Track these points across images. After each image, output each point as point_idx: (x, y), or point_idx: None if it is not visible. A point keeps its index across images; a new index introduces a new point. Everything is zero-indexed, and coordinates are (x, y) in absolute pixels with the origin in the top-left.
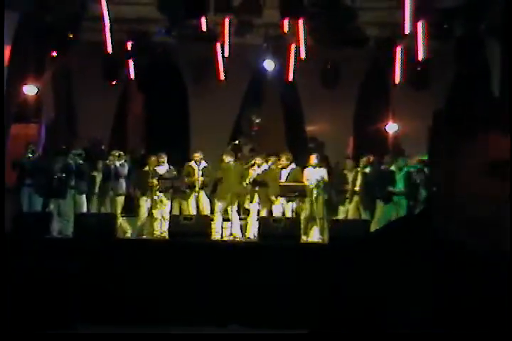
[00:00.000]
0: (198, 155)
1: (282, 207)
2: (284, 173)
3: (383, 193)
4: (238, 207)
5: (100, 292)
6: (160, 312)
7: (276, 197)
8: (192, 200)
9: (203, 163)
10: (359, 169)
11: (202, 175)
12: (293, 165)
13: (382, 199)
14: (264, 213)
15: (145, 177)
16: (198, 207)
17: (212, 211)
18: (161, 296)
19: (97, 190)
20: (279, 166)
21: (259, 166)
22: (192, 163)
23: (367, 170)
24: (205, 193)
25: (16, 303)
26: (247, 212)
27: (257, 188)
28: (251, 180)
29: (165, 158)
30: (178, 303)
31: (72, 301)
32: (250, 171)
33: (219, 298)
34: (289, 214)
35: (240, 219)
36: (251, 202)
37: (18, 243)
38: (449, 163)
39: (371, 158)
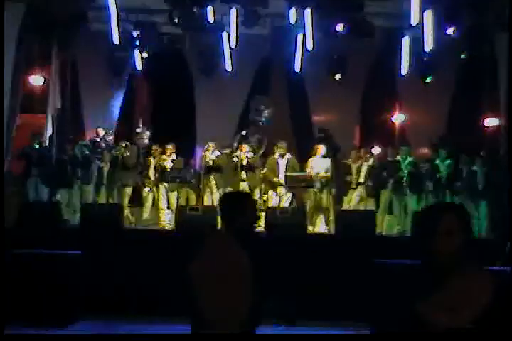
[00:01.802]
0: (212, 145)
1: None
2: (282, 163)
3: (388, 183)
4: None
5: (105, 282)
6: (165, 304)
7: (274, 187)
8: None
9: (216, 152)
10: (364, 160)
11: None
12: (289, 155)
13: (389, 190)
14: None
15: (151, 167)
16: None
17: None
18: (167, 287)
19: (104, 180)
20: (275, 156)
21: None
22: (208, 153)
23: (371, 160)
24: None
25: (20, 293)
26: None
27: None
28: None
29: (172, 149)
30: (183, 294)
31: (76, 292)
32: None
33: None
34: (285, 205)
35: None
36: None
37: (25, 232)
38: None
39: (376, 149)
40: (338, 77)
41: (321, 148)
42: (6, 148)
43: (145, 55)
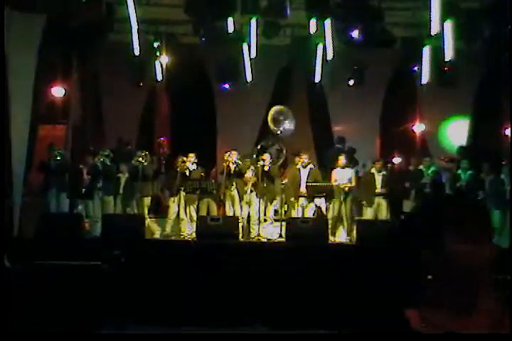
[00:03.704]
0: (234, 153)
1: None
2: (304, 174)
3: (411, 193)
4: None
5: (128, 292)
6: (186, 313)
7: (296, 198)
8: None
9: (238, 161)
10: (385, 169)
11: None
12: (311, 166)
13: (411, 199)
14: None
15: (172, 177)
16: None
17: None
18: (189, 297)
19: (121, 190)
20: (297, 166)
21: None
22: (230, 160)
23: (384, 172)
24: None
25: (41, 304)
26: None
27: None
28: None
29: (193, 158)
30: (204, 304)
31: (97, 302)
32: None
33: (245, 298)
34: (309, 215)
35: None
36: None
37: (46, 243)
38: None
39: (397, 159)
40: (352, 83)
41: (341, 159)
42: (28, 159)
43: (165, 65)
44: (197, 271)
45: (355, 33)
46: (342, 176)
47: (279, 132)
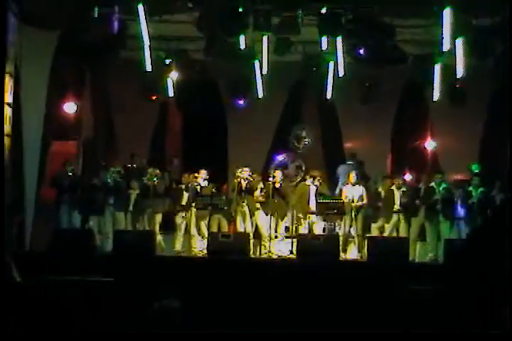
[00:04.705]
0: (246, 169)
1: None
2: (313, 190)
3: (421, 210)
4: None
5: (138, 309)
6: (196, 329)
7: (305, 215)
8: (239, 217)
9: (249, 177)
10: (396, 186)
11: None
12: (317, 182)
13: (421, 216)
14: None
15: (183, 194)
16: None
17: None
18: (200, 314)
19: (131, 207)
20: (307, 183)
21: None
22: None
23: (403, 188)
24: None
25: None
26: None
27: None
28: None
29: (204, 175)
30: (215, 320)
31: (108, 318)
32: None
33: (257, 315)
34: (319, 232)
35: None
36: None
37: (57, 259)
38: None
39: (408, 176)
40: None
41: (352, 176)
42: (39, 174)
43: (176, 81)
44: (207, 286)
45: (363, 51)
46: (353, 193)
47: (298, 149)
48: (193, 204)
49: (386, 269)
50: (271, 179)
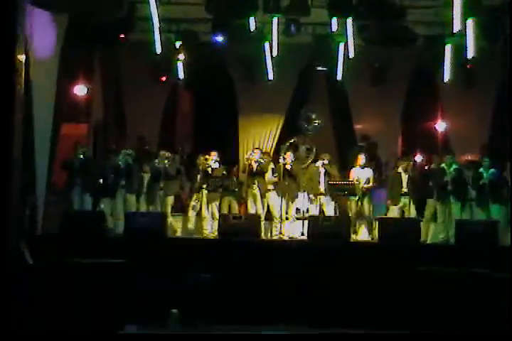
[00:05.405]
0: (257, 151)
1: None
2: (323, 172)
3: (433, 191)
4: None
5: (149, 291)
6: (207, 311)
7: (315, 196)
8: (250, 199)
9: (260, 159)
10: (407, 168)
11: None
12: (326, 162)
13: (434, 198)
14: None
15: (194, 176)
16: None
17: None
18: (209, 295)
19: (145, 189)
20: (317, 164)
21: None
22: (252, 158)
23: (415, 169)
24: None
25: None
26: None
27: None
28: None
29: (215, 156)
30: (226, 302)
31: (120, 301)
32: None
33: (267, 296)
34: (329, 214)
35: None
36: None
37: (69, 241)
38: None
39: (419, 157)
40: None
41: (361, 159)
42: (50, 158)
43: (187, 63)
44: (218, 268)
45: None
46: (360, 175)
47: (308, 131)
48: (204, 186)
49: (397, 250)
50: (281, 161)
